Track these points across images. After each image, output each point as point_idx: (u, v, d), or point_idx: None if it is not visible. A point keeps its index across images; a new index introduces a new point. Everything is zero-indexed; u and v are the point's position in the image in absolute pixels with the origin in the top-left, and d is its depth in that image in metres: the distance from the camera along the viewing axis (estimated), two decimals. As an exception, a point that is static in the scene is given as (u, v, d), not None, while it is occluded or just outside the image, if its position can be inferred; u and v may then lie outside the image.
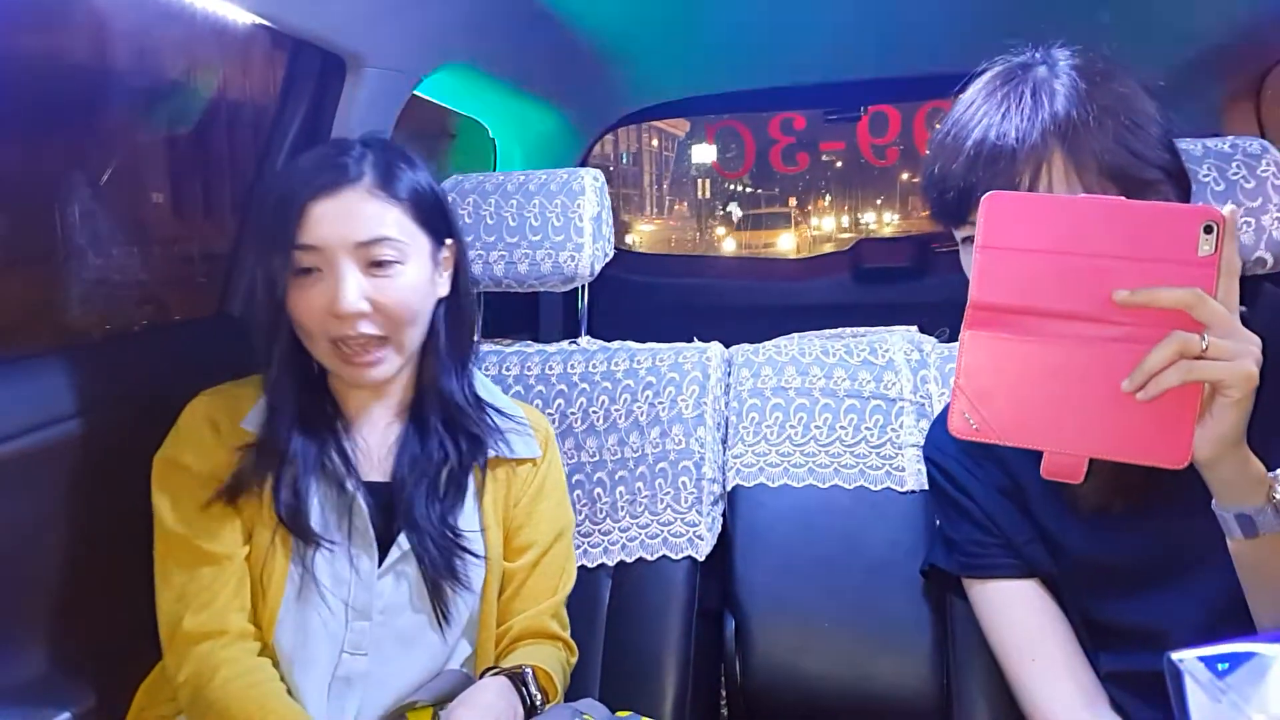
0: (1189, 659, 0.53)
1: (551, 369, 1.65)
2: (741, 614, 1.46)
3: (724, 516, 1.55)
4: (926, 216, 1.05)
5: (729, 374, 1.66)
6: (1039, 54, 1.00)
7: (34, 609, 1.20)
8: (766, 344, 1.72)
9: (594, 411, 1.61)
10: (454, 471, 1.25)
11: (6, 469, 1.14)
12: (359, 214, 1.13)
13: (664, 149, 26.11)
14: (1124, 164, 0.92)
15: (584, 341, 1.73)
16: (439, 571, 1.19)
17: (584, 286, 1.70)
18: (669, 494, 1.52)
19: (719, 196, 25.16)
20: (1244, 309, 0.82)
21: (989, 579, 1.14)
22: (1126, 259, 0.79)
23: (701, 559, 1.48)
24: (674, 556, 1.47)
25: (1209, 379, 0.78)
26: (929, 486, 1.25)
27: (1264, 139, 1.32)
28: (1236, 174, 1.27)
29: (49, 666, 1.20)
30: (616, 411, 1.60)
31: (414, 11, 1.61)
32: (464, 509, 1.25)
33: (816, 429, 1.56)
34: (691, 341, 1.69)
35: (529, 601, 1.29)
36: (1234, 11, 1.86)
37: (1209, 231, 0.78)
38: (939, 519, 1.24)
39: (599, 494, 1.55)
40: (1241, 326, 0.79)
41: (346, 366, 1.17)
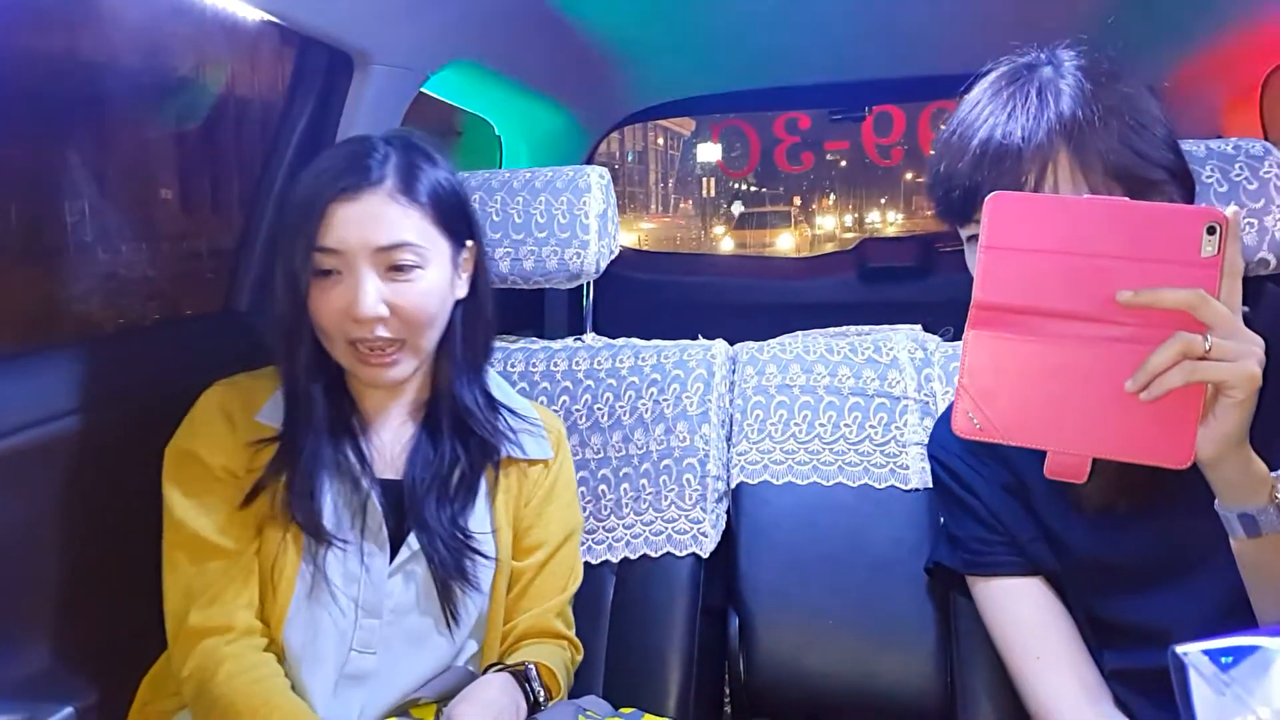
0: (1193, 652, 0.53)
1: (556, 366, 1.66)
2: (745, 611, 1.46)
3: (728, 514, 1.55)
4: (931, 216, 1.06)
5: (733, 371, 1.66)
6: (1044, 54, 1.00)
7: (37, 604, 1.20)
8: (771, 342, 1.72)
9: (598, 408, 1.61)
10: (466, 473, 1.25)
11: (9, 464, 1.14)
12: (380, 218, 1.12)
13: (669, 147, 26.10)
14: (1129, 164, 0.92)
15: (589, 338, 1.73)
16: (448, 572, 1.19)
17: (589, 284, 1.70)
18: (673, 491, 1.52)
19: (724, 195, 25.13)
20: (1246, 310, 0.82)
21: (993, 576, 1.14)
22: (1130, 259, 0.79)
23: (706, 556, 1.48)
24: (678, 553, 1.48)
25: (1212, 380, 0.78)
26: (933, 484, 1.25)
27: (1266, 140, 1.32)
28: (1239, 175, 1.27)
29: (52, 661, 1.20)
30: (621, 408, 1.60)
31: (421, 9, 1.61)
32: (475, 510, 1.25)
33: (821, 427, 1.57)
34: (696, 339, 1.69)
35: (535, 601, 1.29)
36: (1236, 13, 1.86)
37: (1212, 232, 0.78)
38: (943, 517, 1.24)
39: (603, 491, 1.55)
40: (1244, 327, 0.79)
41: (362, 367, 1.17)
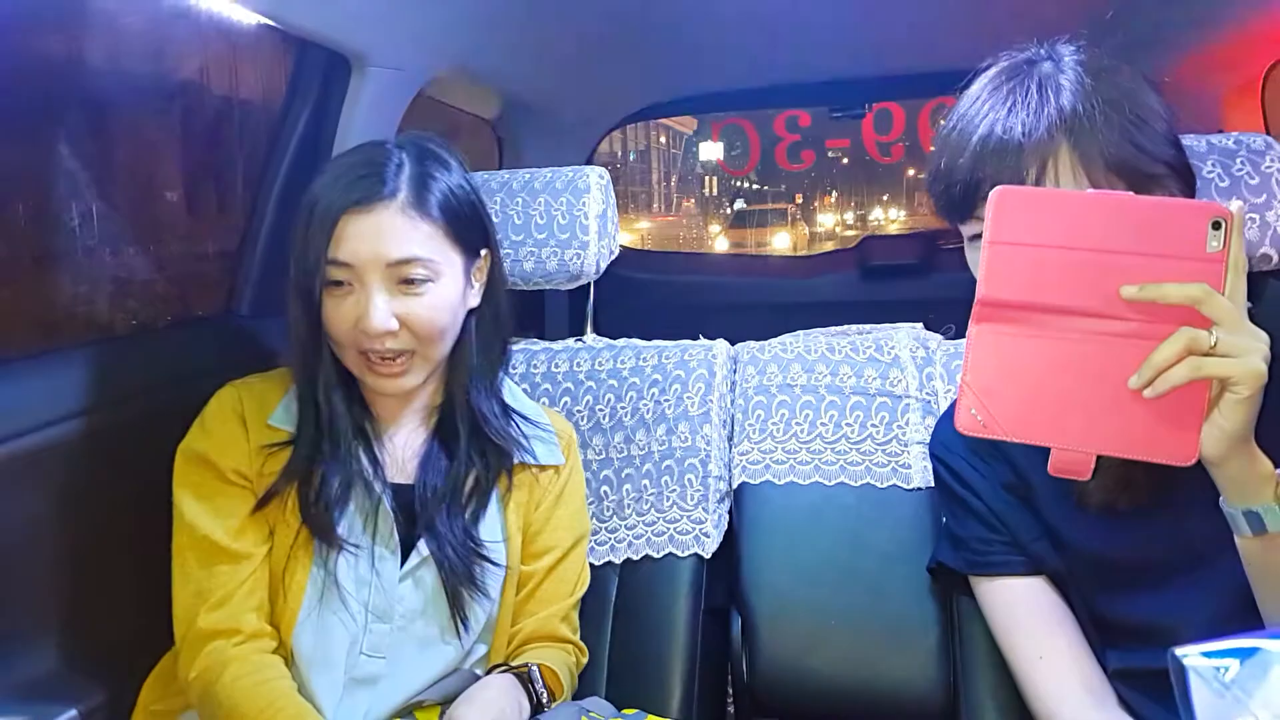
0: (1193, 654, 0.53)
1: (558, 367, 1.65)
2: (748, 611, 1.46)
3: (730, 514, 1.55)
4: (932, 213, 1.05)
5: (735, 371, 1.66)
6: (1044, 50, 1.00)
7: (42, 605, 1.20)
8: (772, 341, 1.71)
9: (600, 409, 1.61)
10: (479, 481, 1.25)
11: (12, 467, 1.14)
12: (391, 233, 1.12)
13: (671, 146, 26.09)
14: (1130, 158, 0.91)
15: (590, 339, 1.73)
16: (458, 578, 1.19)
17: (590, 284, 1.70)
18: (675, 491, 1.52)
19: (726, 194, 25.11)
20: (1250, 305, 0.82)
21: (996, 576, 1.14)
22: (1135, 254, 0.79)
23: (708, 556, 1.48)
24: (680, 554, 1.47)
25: (1217, 375, 0.77)
26: (935, 484, 1.25)
27: (1268, 135, 1.31)
28: (1240, 170, 1.26)
29: (57, 663, 1.20)
30: (623, 409, 1.60)
31: (419, 11, 1.61)
32: (486, 518, 1.25)
33: (822, 426, 1.56)
34: (697, 339, 1.69)
35: (542, 605, 1.29)
36: (1237, 7, 1.85)
37: (1217, 227, 0.77)
38: (945, 516, 1.24)
39: (606, 491, 1.55)
40: (1250, 323, 0.79)
41: (372, 376, 1.17)
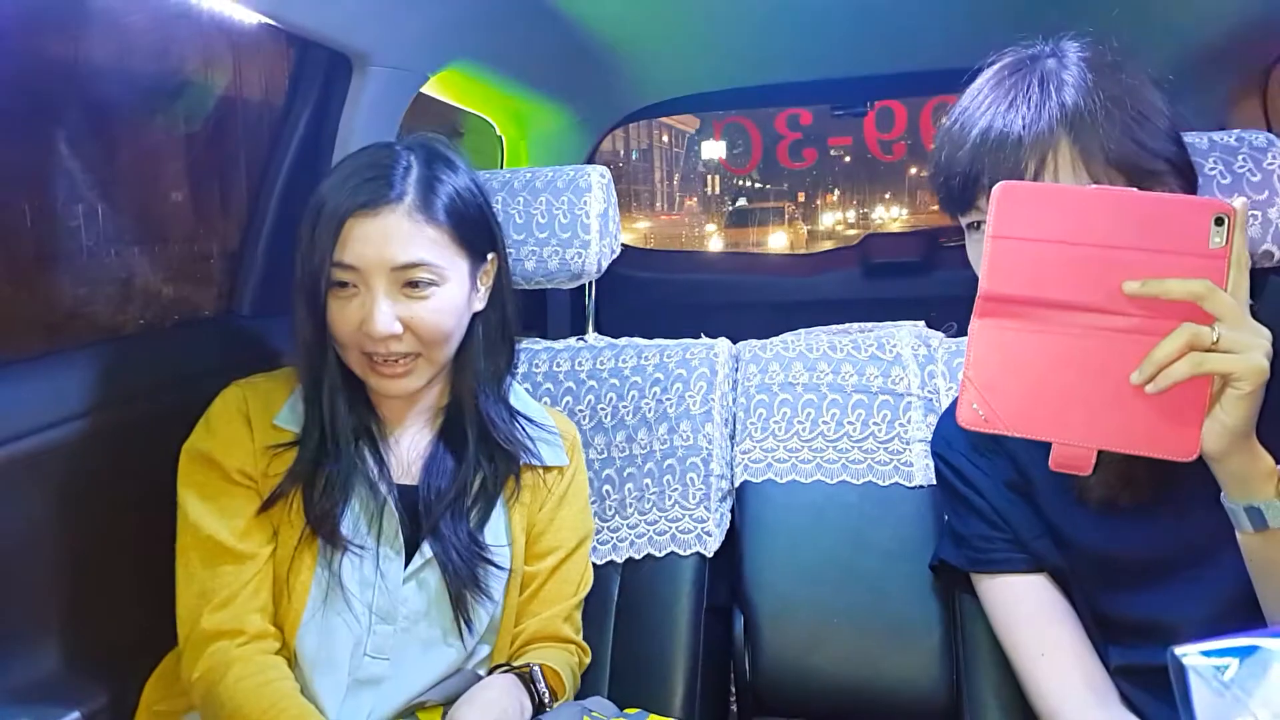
0: (1192, 653, 0.53)
1: (559, 366, 1.65)
2: (750, 610, 1.46)
3: (732, 513, 1.55)
4: (934, 211, 1.05)
5: (736, 370, 1.66)
6: (1048, 46, 1.00)
7: (45, 606, 1.20)
8: (774, 340, 1.71)
9: (602, 408, 1.61)
10: (486, 485, 1.25)
11: (15, 468, 1.14)
12: (397, 237, 1.11)
13: (674, 145, 26.09)
14: (1130, 154, 0.91)
15: (591, 338, 1.73)
16: (462, 580, 1.19)
17: (591, 283, 1.70)
18: (677, 490, 1.51)
19: (728, 192, 25.11)
20: (1252, 302, 0.82)
21: (998, 574, 1.14)
22: (1137, 250, 0.79)
23: (710, 555, 1.48)
24: (682, 553, 1.47)
25: (1219, 371, 0.77)
26: (937, 482, 1.24)
27: (1270, 132, 1.31)
28: (1243, 167, 1.26)
29: (59, 665, 1.20)
30: (624, 408, 1.60)
31: (420, 10, 1.61)
32: (491, 521, 1.25)
33: (824, 424, 1.56)
34: (699, 337, 1.69)
35: (545, 605, 1.29)
36: (1240, 4, 1.85)
37: (1220, 224, 0.77)
38: (947, 514, 1.23)
39: (608, 491, 1.55)
40: (1251, 319, 0.79)
41: (375, 377, 1.17)
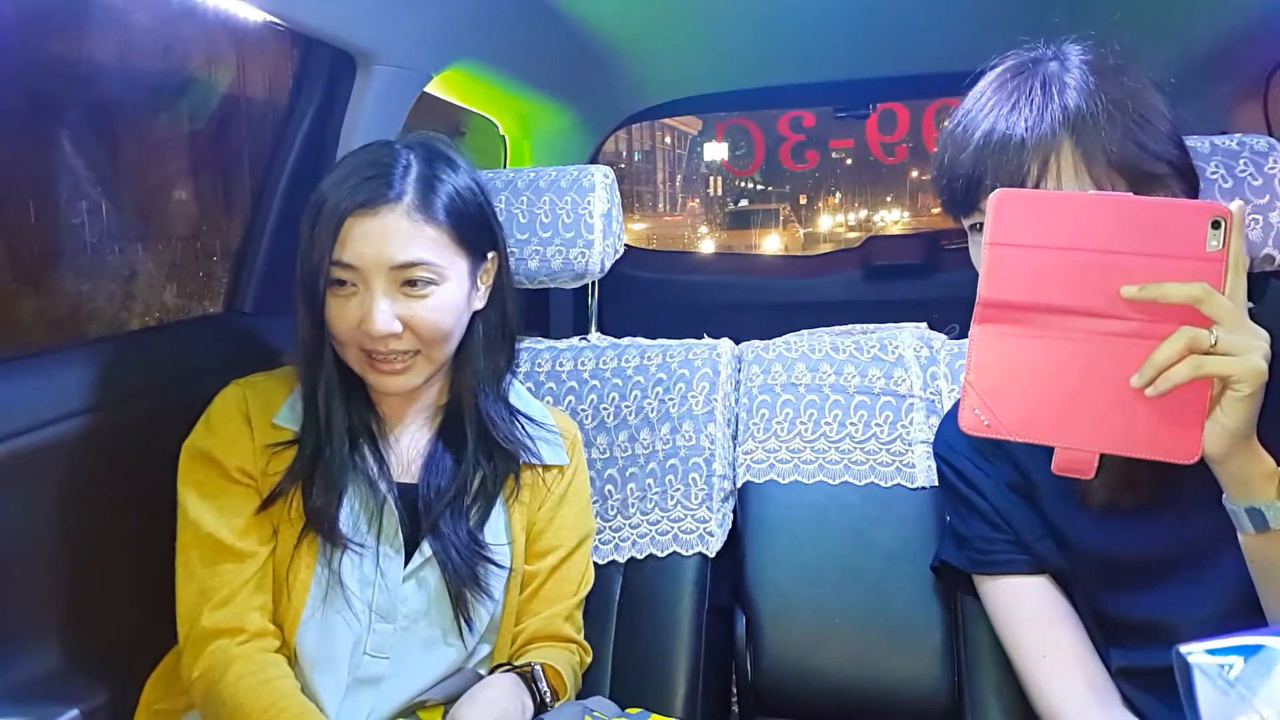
0: (1197, 652, 0.53)
1: (562, 365, 1.66)
2: (752, 610, 1.46)
3: (734, 513, 1.55)
4: (938, 213, 1.06)
5: (739, 370, 1.66)
6: (1050, 50, 1.01)
7: (44, 604, 1.20)
8: (776, 340, 1.71)
9: (604, 408, 1.61)
10: (485, 484, 1.25)
11: (15, 465, 1.14)
12: (396, 236, 1.11)
13: (676, 147, 26.07)
14: (1132, 157, 0.92)
15: (594, 338, 1.73)
16: (461, 579, 1.19)
17: (594, 283, 1.70)
18: (679, 490, 1.52)
19: (730, 194, 25.08)
20: (1252, 305, 0.82)
21: (1000, 575, 1.14)
22: (1135, 254, 0.79)
23: (712, 555, 1.48)
24: (684, 553, 1.47)
25: (1218, 374, 0.78)
26: (939, 483, 1.25)
27: (1272, 137, 1.31)
28: (1244, 171, 1.26)
29: (58, 663, 1.20)
30: (627, 408, 1.60)
31: (424, 9, 1.61)
32: (491, 519, 1.25)
33: (826, 425, 1.56)
34: (701, 338, 1.69)
35: (545, 604, 1.29)
36: (1242, 9, 1.85)
37: (1216, 226, 0.78)
38: (949, 516, 1.23)
39: (610, 490, 1.55)
40: (1250, 321, 0.79)
41: (374, 374, 1.17)
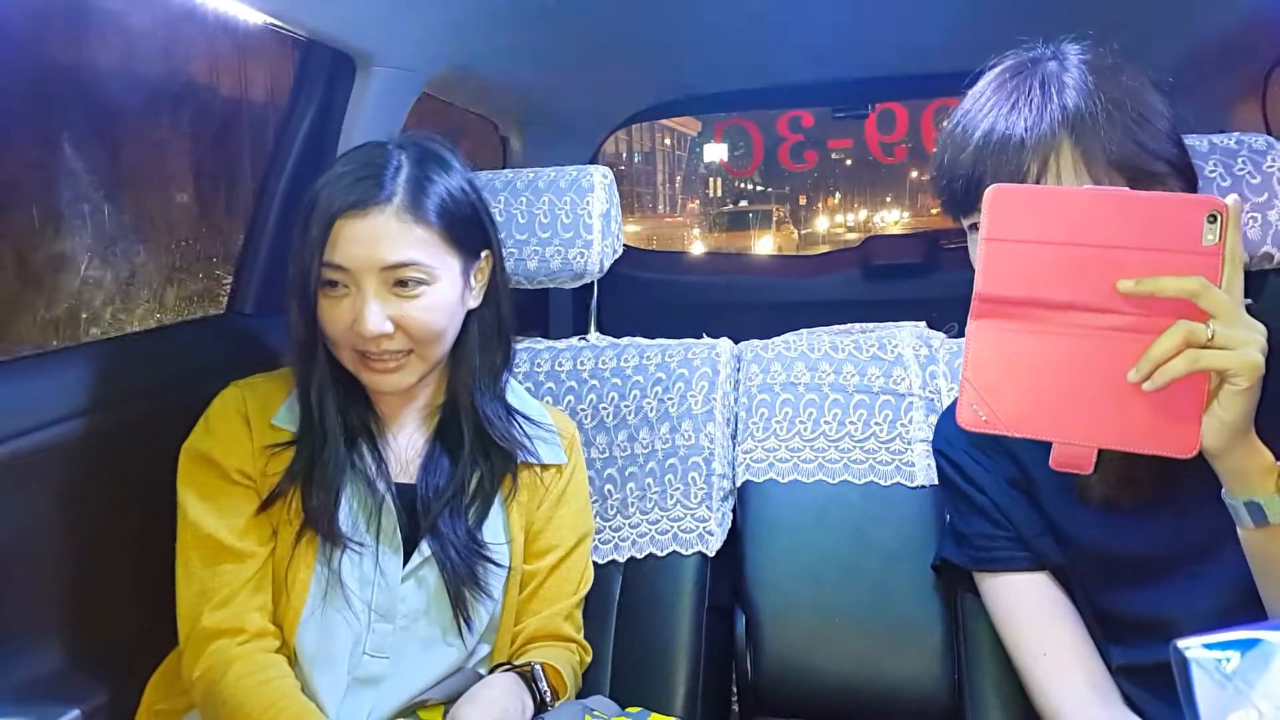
0: (1194, 646, 0.53)
1: (561, 365, 1.66)
2: (752, 609, 1.46)
3: (734, 512, 1.55)
4: (937, 213, 1.06)
5: (738, 370, 1.66)
6: (1049, 49, 1.01)
7: (45, 605, 1.20)
8: (775, 340, 1.72)
9: (604, 408, 1.61)
10: (483, 484, 1.25)
11: (15, 466, 1.14)
12: (386, 237, 1.11)
13: (676, 148, 26.07)
14: (1132, 156, 0.92)
15: (593, 338, 1.73)
16: (460, 578, 1.19)
17: (593, 283, 1.70)
18: (679, 490, 1.52)
19: (730, 195, 25.07)
20: (1249, 301, 0.82)
21: (1000, 572, 1.14)
22: (1131, 249, 0.79)
23: (712, 554, 1.48)
24: (684, 552, 1.48)
25: (1215, 368, 0.78)
26: (939, 480, 1.25)
27: (1270, 135, 1.31)
28: (1242, 170, 1.27)
29: (59, 663, 1.20)
30: (626, 407, 1.60)
31: (423, 10, 1.61)
32: (490, 519, 1.25)
33: (826, 424, 1.56)
34: (700, 337, 1.69)
35: (545, 604, 1.29)
36: (1240, 8, 1.85)
37: (1213, 221, 0.78)
38: (949, 513, 1.24)
39: (609, 490, 1.55)
40: (1247, 315, 0.79)
41: (367, 373, 1.17)
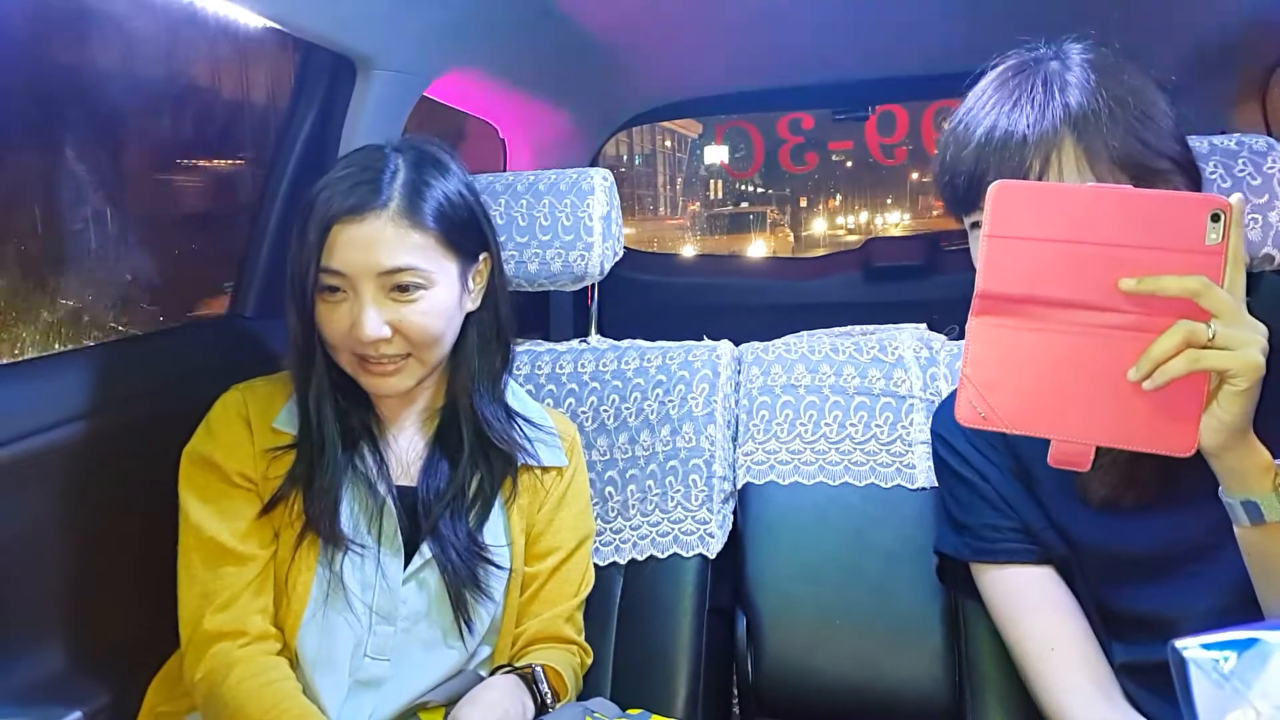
0: (1192, 646, 0.53)
1: (562, 368, 1.66)
2: (752, 611, 1.46)
3: (735, 514, 1.55)
4: (938, 215, 1.06)
5: (739, 372, 1.66)
6: (1051, 49, 1.01)
7: (47, 607, 1.20)
8: (776, 342, 1.72)
9: (604, 410, 1.61)
10: (483, 486, 1.25)
11: (17, 468, 1.14)
12: (383, 242, 1.11)
13: (676, 150, 26.06)
14: (1135, 153, 0.92)
15: (594, 340, 1.73)
16: (461, 580, 1.19)
17: (594, 285, 1.70)
18: (680, 492, 1.52)
19: (730, 197, 25.05)
20: (1249, 299, 0.82)
21: (1004, 565, 1.13)
22: (1133, 247, 0.79)
23: (712, 557, 1.48)
24: (685, 554, 1.48)
25: (1215, 368, 0.78)
26: (937, 470, 1.23)
27: (1270, 136, 1.31)
28: (1243, 171, 1.26)
29: (61, 665, 1.21)
30: (627, 410, 1.60)
31: (424, 14, 1.61)
32: (490, 521, 1.25)
33: (826, 426, 1.56)
34: (701, 340, 1.69)
35: (546, 606, 1.29)
36: (1240, 9, 1.85)
37: (1216, 220, 0.78)
38: (947, 501, 1.21)
39: (610, 492, 1.55)
40: (1248, 315, 0.79)
41: (366, 376, 1.17)
